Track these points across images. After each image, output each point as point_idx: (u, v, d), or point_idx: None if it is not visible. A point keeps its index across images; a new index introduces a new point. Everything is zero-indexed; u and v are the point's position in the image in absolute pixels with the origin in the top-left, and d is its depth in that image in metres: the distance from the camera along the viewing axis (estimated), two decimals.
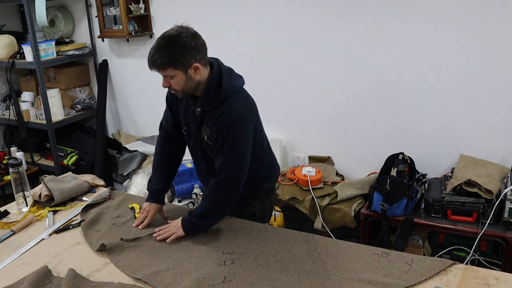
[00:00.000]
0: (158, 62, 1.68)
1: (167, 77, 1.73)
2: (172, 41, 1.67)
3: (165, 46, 1.67)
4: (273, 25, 3.18)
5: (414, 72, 2.82)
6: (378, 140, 3.04)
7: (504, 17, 2.50)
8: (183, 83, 1.74)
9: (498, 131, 2.68)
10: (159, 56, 1.67)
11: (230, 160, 1.79)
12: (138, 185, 3.55)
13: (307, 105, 3.22)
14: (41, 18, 3.45)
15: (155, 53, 1.68)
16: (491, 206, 2.41)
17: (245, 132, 1.79)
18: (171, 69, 1.69)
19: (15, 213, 2.21)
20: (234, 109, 1.76)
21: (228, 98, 1.77)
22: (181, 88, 1.75)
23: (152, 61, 1.70)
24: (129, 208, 2.16)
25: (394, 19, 2.78)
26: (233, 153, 1.79)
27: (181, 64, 1.68)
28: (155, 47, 1.69)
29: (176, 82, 1.73)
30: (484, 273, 1.57)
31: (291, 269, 1.65)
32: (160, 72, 1.73)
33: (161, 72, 1.72)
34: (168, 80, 1.74)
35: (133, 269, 1.70)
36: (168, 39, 1.68)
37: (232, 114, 1.76)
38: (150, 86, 3.86)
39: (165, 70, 1.70)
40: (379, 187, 2.61)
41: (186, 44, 1.67)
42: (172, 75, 1.71)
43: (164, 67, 1.69)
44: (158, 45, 1.69)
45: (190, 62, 1.69)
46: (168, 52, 1.67)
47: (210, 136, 1.83)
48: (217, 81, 1.78)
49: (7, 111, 3.93)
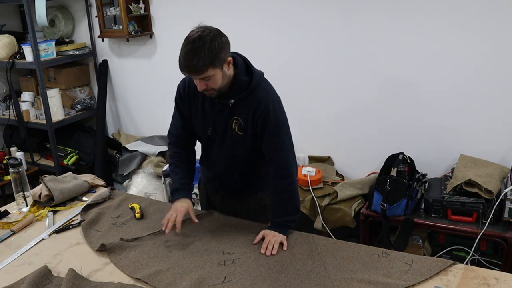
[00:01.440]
0: (200, 65, 1.64)
1: (205, 79, 1.70)
2: (204, 42, 1.65)
3: (200, 48, 1.64)
4: (272, 25, 3.18)
5: (414, 72, 2.82)
6: (378, 140, 3.04)
7: (505, 17, 2.50)
8: (220, 81, 1.73)
9: (498, 131, 2.68)
10: (198, 59, 1.64)
11: (284, 144, 1.84)
12: (138, 185, 3.55)
13: (307, 105, 3.22)
14: (41, 18, 3.45)
15: (192, 57, 1.64)
16: (491, 206, 2.41)
17: (285, 114, 1.86)
18: (211, 69, 1.67)
19: (15, 213, 2.21)
20: (270, 92, 1.82)
21: (260, 83, 1.81)
22: (219, 86, 1.74)
23: (192, 66, 1.65)
24: (129, 208, 2.16)
25: (394, 19, 2.78)
26: (286, 136, 1.85)
27: (219, 62, 1.68)
28: (188, 52, 1.65)
29: (214, 81, 1.72)
30: (484, 273, 1.57)
31: (291, 269, 1.65)
32: (199, 76, 1.69)
33: (199, 75, 1.69)
34: (206, 81, 1.71)
35: (133, 269, 1.70)
36: (200, 41, 1.65)
37: (273, 97, 1.82)
38: (150, 86, 3.86)
39: (205, 72, 1.67)
40: (379, 187, 2.61)
41: (218, 41, 1.67)
42: (212, 75, 1.69)
43: (205, 68, 1.66)
44: (191, 49, 1.65)
45: (225, 57, 1.70)
46: (205, 54, 1.64)
47: (242, 127, 1.83)
48: (245, 68, 1.81)
49: (7, 111, 3.93)
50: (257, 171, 2.00)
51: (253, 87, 1.79)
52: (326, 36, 3.02)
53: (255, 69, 1.84)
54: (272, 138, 1.82)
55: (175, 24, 3.56)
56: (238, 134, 1.85)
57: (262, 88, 1.81)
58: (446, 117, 2.79)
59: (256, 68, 1.86)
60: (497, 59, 2.58)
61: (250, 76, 1.80)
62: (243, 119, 1.82)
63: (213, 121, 1.88)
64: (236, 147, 1.90)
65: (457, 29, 2.63)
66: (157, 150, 3.71)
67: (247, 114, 1.81)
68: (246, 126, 1.83)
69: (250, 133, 1.84)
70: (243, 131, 1.84)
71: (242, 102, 1.81)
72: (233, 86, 1.79)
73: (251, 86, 1.79)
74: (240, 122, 1.83)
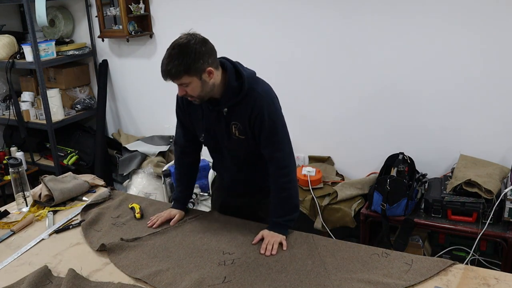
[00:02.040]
0: (173, 72, 1.69)
1: (183, 85, 1.73)
2: (183, 49, 1.68)
3: (178, 55, 1.68)
4: (272, 25, 3.18)
5: (414, 72, 2.81)
6: (378, 140, 3.04)
7: (505, 17, 2.50)
8: (199, 89, 1.75)
9: (498, 131, 2.68)
10: (173, 65, 1.68)
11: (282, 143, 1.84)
12: (138, 185, 3.55)
13: (307, 105, 3.22)
14: (41, 18, 3.45)
15: (168, 63, 1.69)
16: (491, 206, 2.41)
17: (281, 112, 1.86)
18: (186, 76, 1.70)
19: (15, 213, 2.21)
20: (264, 93, 1.81)
21: (252, 85, 1.81)
22: (198, 94, 1.76)
23: (167, 71, 1.70)
24: (129, 208, 2.16)
25: (394, 19, 2.78)
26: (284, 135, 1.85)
27: (195, 71, 1.70)
28: (167, 57, 1.70)
29: (192, 89, 1.74)
30: (484, 273, 1.57)
31: (291, 269, 1.65)
32: (175, 81, 1.73)
33: (176, 81, 1.73)
34: (184, 88, 1.74)
35: (133, 269, 1.70)
36: (179, 48, 1.68)
37: (266, 98, 1.81)
38: (150, 86, 3.86)
39: (180, 78, 1.70)
40: (379, 187, 2.61)
41: (197, 50, 1.68)
42: (188, 82, 1.71)
43: (179, 75, 1.69)
44: (170, 55, 1.69)
45: (203, 67, 1.71)
46: (181, 61, 1.67)
47: (242, 130, 1.85)
48: (234, 74, 1.81)
49: (7, 111, 3.93)
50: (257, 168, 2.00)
51: (245, 92, 1.79)
52: (326, 36, 3.02)
53: (245, 72, 1.82)
54: (269, 139, 1.83)
55: (175, 24, 3.56)
56: (240, 138, 1.87)
57: (254, 90, 1.80)
58: (446, 117, 2.79)
59: (246, 70, 1.85)
60: (497, 59, 2.58)
61: (241, 81, 1.80)
62: (242, 123, 1.84)
63: (214, 128, 1.90)
64: (241, 150, 1.92)
65: (457, 29, 2.63)
66: (157, 150, 3.71)
67: (243, 118, 1.82)
68: (245, 130, 1.85)
69: (250, 136, 1.86)
70: (244, 134, 1.86)
71: (236, 107, 1.82)
72: (226, 93, 1.80)
73: (243, 91, 1.79)
74: (239, 126, 1.85)
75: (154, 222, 2.00)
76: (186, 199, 2.14)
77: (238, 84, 1.80)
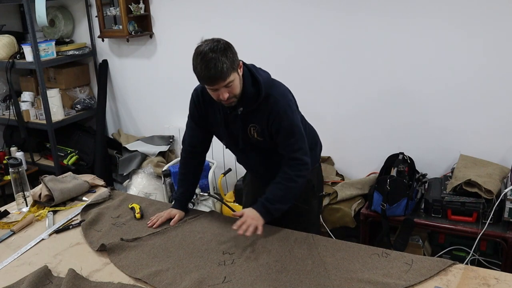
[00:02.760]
0: (224, 71, 1.67)
1: (229, 84, 1.72)
2: (223, 49, 1.69)
3: (221, 55, 1.67)
4: (272, 25, 3.18)
5: (414, 72, 2.81)
6: (378, 140, 3.04)
7: (505, 17, 2.50)
8: (240, 85, 1.77)
9: (498, 131, 2.68)
10: (222, 65, 1.67)
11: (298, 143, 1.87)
12: (138, 185, 3.55)
13: (307, 105, 3.21)
14: (41, 18, 3.45)
15: (215, 65, 1.66)
16: (491, 206, 2.41)
17: (296, 114, 1.90)
18: (233, 73, 1.72)
19: (15, 213, 2.21)
20: (280, 97, 1.84)
21: (269, 90, 1.83)
22: (239, 90, 1.78)
23: (218, 73, 1.67)
24: (129, 208, 2.16)
25: (394, 19, 2.78)
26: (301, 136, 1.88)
27: (236, 66, 1.73)
28: (208, 61, 1.66)
29: (235, 86, 1.76)
30: (484, 273, 1.57)
31: (291, 269, 1.65)
32: (224, 82, 1.71)
33: (225, 81, 1.71)
34: (227, 89, 1.74)
35: (133, 269, 1.70)
36: (216, 50, 1.68)
37: (282, 102, 1.83)
38: (150, 86, 3.86)
39: (229, 76, 1.70)
40: (379, 187, 2.61)
41: (229, 48, 1.72)
42: (233, 79, 1.73)
43: (229, 73, 1.69)
44: (211, 58, 1.66)
45: (238, 61, 1.75)
46: (226, 59, 1.68)
47: (260, 132, 1.88)
48: (251, 79, 1.82)
49: (7, 111, 3.93)
50: None
51: (262, 99, 1.82)
52: (326, 36, 3.02)
53: (261, 76, 1.83)
54: (287, 141, 1.86)
55: (175, 24, 3.56)
56: (258, 139, 1.90)
57: (272, 96, 1.83)
58: (446, 117, 2.79)
59: (262, 74, 1.86)
60: (497, 59, 2.58)
61: (257, 86, 1.81)
62: (260, 126, 1.87)
63: (231, 130, 1.93)
64: (261, 149, 1.95)
65: (457, 29, 2.63)
66: (157, 150, 3.71)
67: (261, 120, 1.85)
68: (263, 131, 1.87)
69: (268, 137, 1.89)
70: (262, 136, 1.89)
71: (254, 111, 1.85)
72: (243, 98, 1.82)
73: (260, 97, 1.81)
74: (258, 128, 1.88)
75: (154, 222, 2.00)
76: (187, 200, 2.14)
77: (255, 90, 1.81)
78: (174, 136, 3.81)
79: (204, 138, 2.06)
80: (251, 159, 2.06)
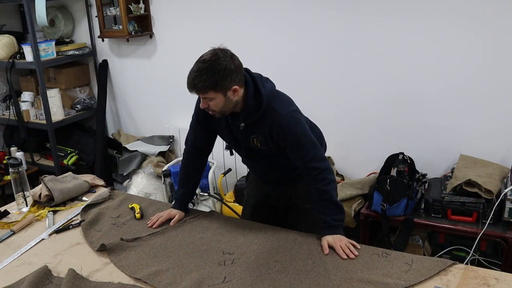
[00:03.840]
0: (200, 86, 1.69)
1: (207, 99, 1.75)
2: (213, 65, 1.68)
3: (207, 70, 1.68)
4: (272, 25, 3.18)
5: (414, 72, 2.81)
6: (378, 140, 3.04)
7: (505, 17, 2.50)
8: (222, 105, 1.76)
9: (498, 131, 2.68)
10: (200, 80, 1.68)
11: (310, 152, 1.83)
12: (138, 185, 3.55)
13: (307, 105, 3.20)
14: (41, 18, 3.45)
15: (195, 77, 1.69)
16: (491, 206, 2.40)
17: (302, 123, 1.85)
18: (212, 92, 1.71)
19: (15, 213, 2.21)
20: (282, 110, 1.81)
21: (271, 103, 1.81)
22: (220, 109, 1.78)
23: (193, 84, 1.70)
24: (129, 208, 2.16)
25: (394, 19, 2.78)
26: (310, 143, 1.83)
27: (221, 88, 1.71)
28: (195, 70, 1.70)
29: (215, 104, 1.76)
30: (484, 273, 1.57)
31: (291, 269, 1.65)
32: (200, 95, 1.76)
33: (201, 95, 1.75)
34: (207, 101, 1.76)
35: (133, 269, 1.70)
36: (208, 63, 1.68)
37: (284, 115, 1.80)
38: (150, 86, 3.86)
39: (205, 93, 1.72)
40: (379, 187, 2.61)
41: (227, 67, 1.69)
42: (212, 97, 1.73)
43: (205, 90, 1.70)
44: (198, 69, 1.69)
45: (230, 85, 1.72)
46: (209, 76, 1.67)
47: (263, 142, 1.87)
48: (253, 91, 1.81)
49: (7, 111, 3.93)
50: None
51: (262, 111, 1.81)
52: (326, 36, 3.02)
53: (264, 88, 1.82)
54: (297, 152, 1.84)
55: (175, 24, 3.56)
56: (262, 148, 1.90)
57: (272, 109, 1.81)
58: (446, 117, 2.79)
59: (266, 86, 1.84)
60: (497, 59, 2.58)
61: (259, 99, 1.80)
62: (262, 137, 1.85)
63: (235, 136, 1.93)
64: (264, 155, 1.95)
65: (457, 29, 2.63)
66: (157, 150, 3.71)
67: (263, 132, 1.84)
68: (267, 142, 1.86)
69: (272, 146, 1.88)
70: (266, 145, 1.88)
71: (256, 123, 1.84)
72: (244, 110, 1.82)
73: (261, 110, 1.81)
74: (261, 139, 1.87)
75: (154, 222, 2.00)
76: (187, 200, 2.14)
77: (256, 103, 1.80)
78: (174, 136, 3.81)
79: (208, 140, 2.06)
80: (255, 162, 2.06)
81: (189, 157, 2.10)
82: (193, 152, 2.08)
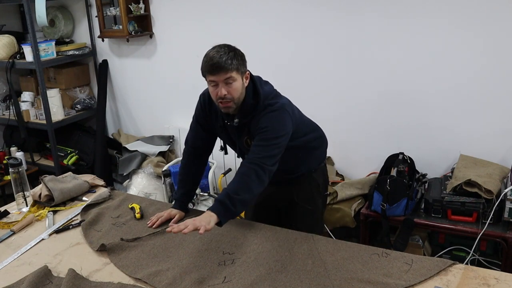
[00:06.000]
0: (228, 63, 1.71)
1: (228, 80, 1.74)
2: (234, 49, 1.77)
3: (229, 52, 1.74)
4: (272, 25, 3.18)
5: (414, 72, 2.81)
6: (378, 140, 3.04)
7: (505, 17, 2.50)
8: (240, 90, 1.79)
9: (498, 131, 2.68)
10: (228, 57, 1.71)
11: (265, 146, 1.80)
12: (138, 185, 3.55)
13: (307, 105, 3.20)
14: (41, 18, 3.45)
15: (221, 55, 1.72)
16: (491, 206, 2.41)
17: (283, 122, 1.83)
18: (235, 72, 1.74)
19: (15, 213, 2.21)
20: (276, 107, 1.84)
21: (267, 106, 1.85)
22: (238, 95, 1.79)
23: (221, 62, 1.71)
24: (129, 208, 2.16)
25: (394, 19, 2.78)
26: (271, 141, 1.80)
27: (242, 70, 1.77)
28: (217, 51, 1.73)
29: (235, 89, 1.77)
30: (484, 273, 1.57)
31: (291, 269, 1.65)
32: (225, 74, 1.73)
33: (224, 74, 1.73)
34: (227, 86, 1.75)
35: (133, 269, 1.70)
36: (228, 47, 1.75)
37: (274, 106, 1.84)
38: (150, 86, 3.86)
39: (230, 71, 1.73)
40: (379, 187, 2.61)
41: (243, 54, 1.79)
42: (235, 78, 1.75)
43: (232, 67, 1.73)
44: (220, 50, 1.74)
45: (245, 70, 1.78)
46: (234, 56, 1.74)
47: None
48: (252, 90, 1.84)
49: (7, 111, 3.93)
50: (294, 157, 2.04)
51: (258, 111, 1.83)
52: (326, 36, 3.02)
53: (263, 90, 1.85)
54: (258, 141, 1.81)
55: (175, 24, 3.56)
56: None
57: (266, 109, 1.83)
58: (446, 117, 2.79)
59: (264, 88, 1.87)
60: (498, 59, 2.58)
61: (257, 99, 1.83)
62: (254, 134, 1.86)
63: (231, 137, 1.97)
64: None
65: (458, 29, 2.63)
66: (157, 150, 3.71)
67: (254, 132, 1.85)
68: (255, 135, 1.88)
69: None
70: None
71: (248, 123, 1.87)
72: (241, 109, 1.84)
73: (256, 110, 1.83)
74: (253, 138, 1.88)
75: (154, 222, 2.00)
76: (188, 200, 2.14)
77: (254, 102, 1.83)
78: (174, 136, 3.81)
79: (208, 140, 2.07)
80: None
81: (189, 157, 2.10)
82: (193, 152, 2.09)
